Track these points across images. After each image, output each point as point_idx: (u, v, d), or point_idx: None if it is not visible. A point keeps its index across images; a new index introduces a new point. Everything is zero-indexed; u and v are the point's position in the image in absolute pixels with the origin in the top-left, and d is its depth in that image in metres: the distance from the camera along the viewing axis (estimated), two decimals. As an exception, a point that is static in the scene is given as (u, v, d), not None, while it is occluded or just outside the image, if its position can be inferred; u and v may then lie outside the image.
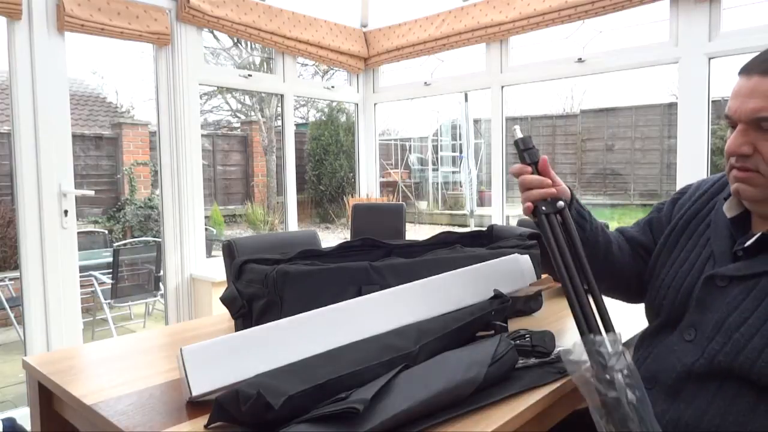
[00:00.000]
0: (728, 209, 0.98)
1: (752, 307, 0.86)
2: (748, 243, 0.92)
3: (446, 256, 1.28)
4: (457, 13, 3.25)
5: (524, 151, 1.00)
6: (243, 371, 0.87)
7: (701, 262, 0.98)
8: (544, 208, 0.97)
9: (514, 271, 1.19)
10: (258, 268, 1.19)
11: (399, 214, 2.87)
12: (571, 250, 0.95)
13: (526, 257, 1.22)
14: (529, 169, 1.00)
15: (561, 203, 0.98)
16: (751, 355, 0.83)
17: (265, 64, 8.57)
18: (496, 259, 1.19)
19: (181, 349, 0.87)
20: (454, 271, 1.14)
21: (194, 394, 0.86)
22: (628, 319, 1.24)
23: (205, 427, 0.81)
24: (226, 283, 2.18)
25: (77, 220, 2.54)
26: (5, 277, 4.64)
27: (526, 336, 1.08)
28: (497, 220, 3.27)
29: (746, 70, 0.90)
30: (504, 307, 1.11)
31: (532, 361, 1.03)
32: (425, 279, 1.10)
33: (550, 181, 0.99)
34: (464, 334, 1.03)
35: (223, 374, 0.87)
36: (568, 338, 1.19)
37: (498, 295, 1.13)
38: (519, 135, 1.00)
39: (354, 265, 1.18)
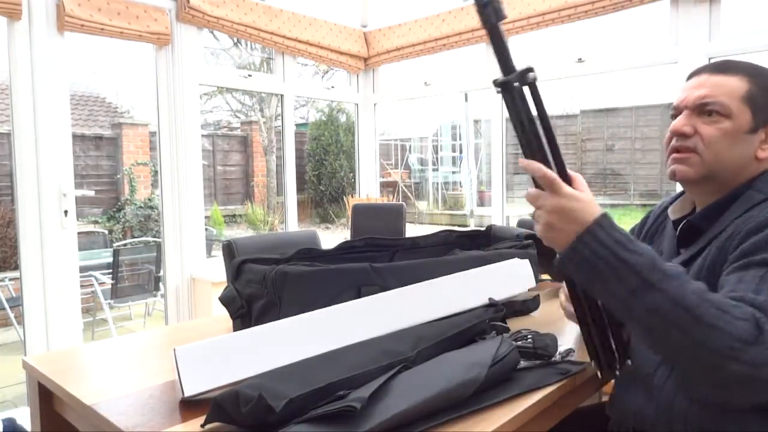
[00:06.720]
0: (672, 212, 1.08)
1: None
2: (677, 235, 1.01)
3: (447, 258, 1.28)
4: (457, 13, 3.25)
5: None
6: (237, 373, 0.87)
7: None
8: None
9: (512, 276, 1.19)
10: (257, 268, 1.18)
11: (399, 214, 2.87)
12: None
13: (526, 261, 1.23)
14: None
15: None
16: None
17: (265, 64, 8.57)
18: (495, 264, 1.18)
19: (174, 349, 0.87)
20: (453, 275, 1.14)
21: (186, 394, 0.85)
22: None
23: (202, 426, 0.80)
24: (226, 283, 2.17)
25: (77, 220, 2.54)
26: (5, 277, 4.63)
27: (528, 337, 1.07)
28: (497, 221, 3.27)
29: (696, 72, 1.02)
30: (498, 315, 1.11)
31: (534, 362, 1.03)
32: (424, 282, 1.10)
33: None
34: (461, 338, 1.03)
35: (217, 375, 0.87)
36: (569, 338, 1.19)
37: (492, 304, 1.13)
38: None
39: (354, 266, 1.17)
